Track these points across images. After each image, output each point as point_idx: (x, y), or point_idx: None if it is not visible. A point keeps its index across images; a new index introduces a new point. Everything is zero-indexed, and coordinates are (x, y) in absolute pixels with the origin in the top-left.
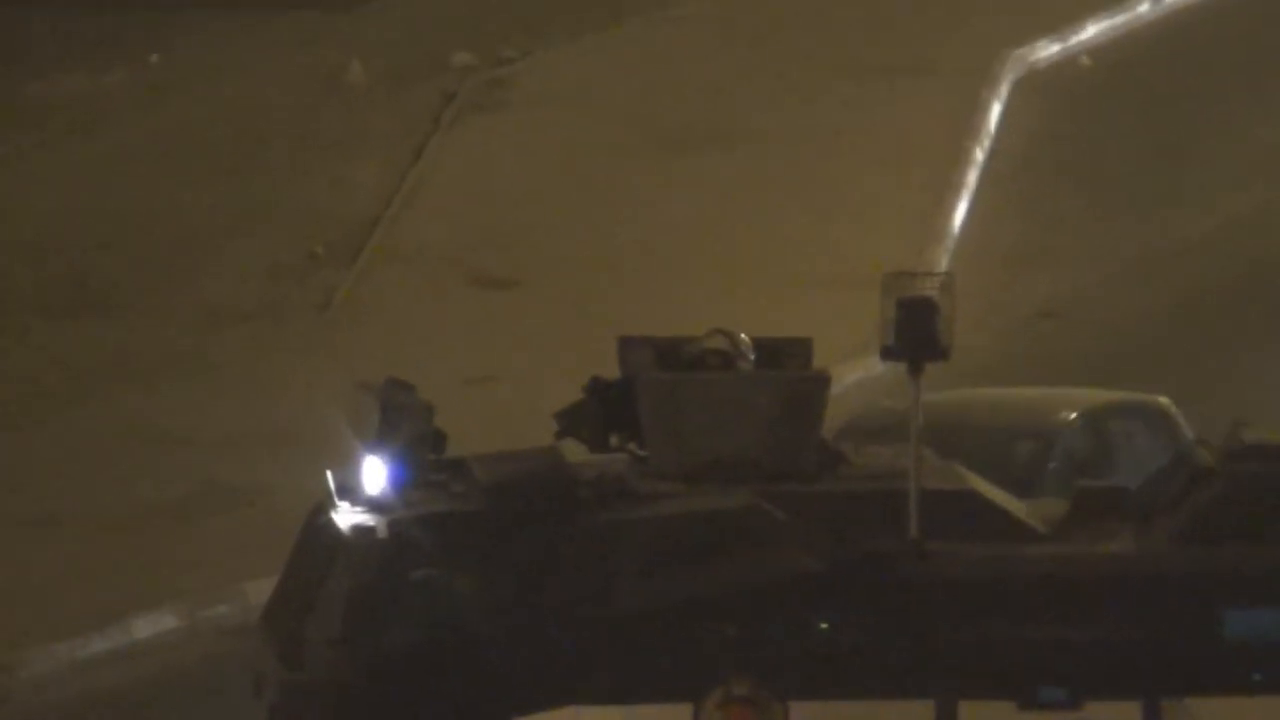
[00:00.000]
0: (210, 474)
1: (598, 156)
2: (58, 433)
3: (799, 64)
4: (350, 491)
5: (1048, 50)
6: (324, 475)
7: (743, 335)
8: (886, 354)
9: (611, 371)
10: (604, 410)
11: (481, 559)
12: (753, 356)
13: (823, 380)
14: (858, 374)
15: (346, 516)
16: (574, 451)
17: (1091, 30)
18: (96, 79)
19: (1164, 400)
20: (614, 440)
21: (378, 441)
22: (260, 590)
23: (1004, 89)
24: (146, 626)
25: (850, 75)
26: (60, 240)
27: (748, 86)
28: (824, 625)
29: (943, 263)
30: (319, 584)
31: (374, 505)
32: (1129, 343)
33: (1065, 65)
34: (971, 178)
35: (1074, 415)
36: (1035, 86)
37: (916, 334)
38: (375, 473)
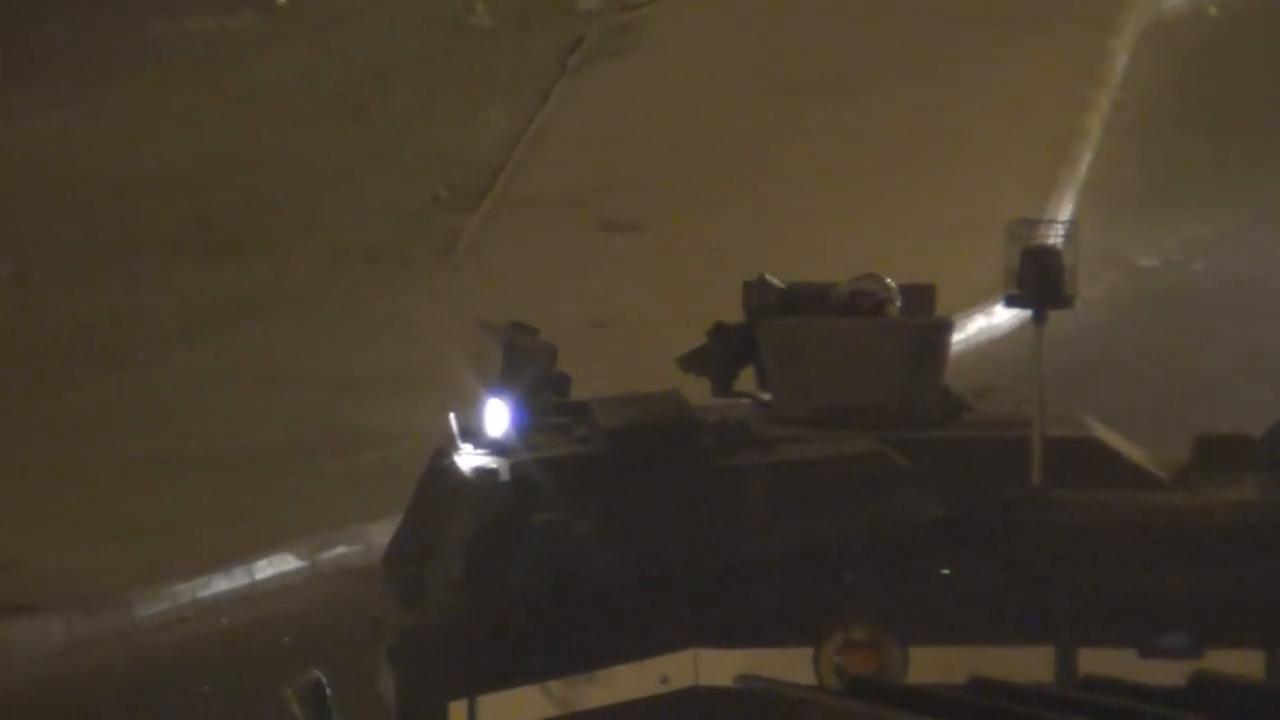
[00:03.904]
0: (333, 415)
1: (723, 102)
2: (181, 373)
3: (926, 12)
4: (473, 434)
5: (1174, 0)
6: (447, 417)
7: (889, 280)
8: (1011, 301)
9: (735, 316)
10: (727, 354)
11: (603, 502)
12: (899, 302)
13: (946, 327)
14: (981, 321)
15: (469, 459)
16: (697, 395)
17: None
18: (222, 20)
19: None
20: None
21: (501, 384)
22: (382, 532)
23: (1130, 38)
24: (268, 567)
25: (976, 24)
26: (185, 181)
27: (875, 34)
28: (945, 571)
29: (1067, 211)
30: (441, 526)
31: (496, 448)
32: (1252, 292)
33: (1192, 15)
34: (1096, 127)
35: None
36: (1161, 36)
37: (1041, 282)
38: (498, 415)
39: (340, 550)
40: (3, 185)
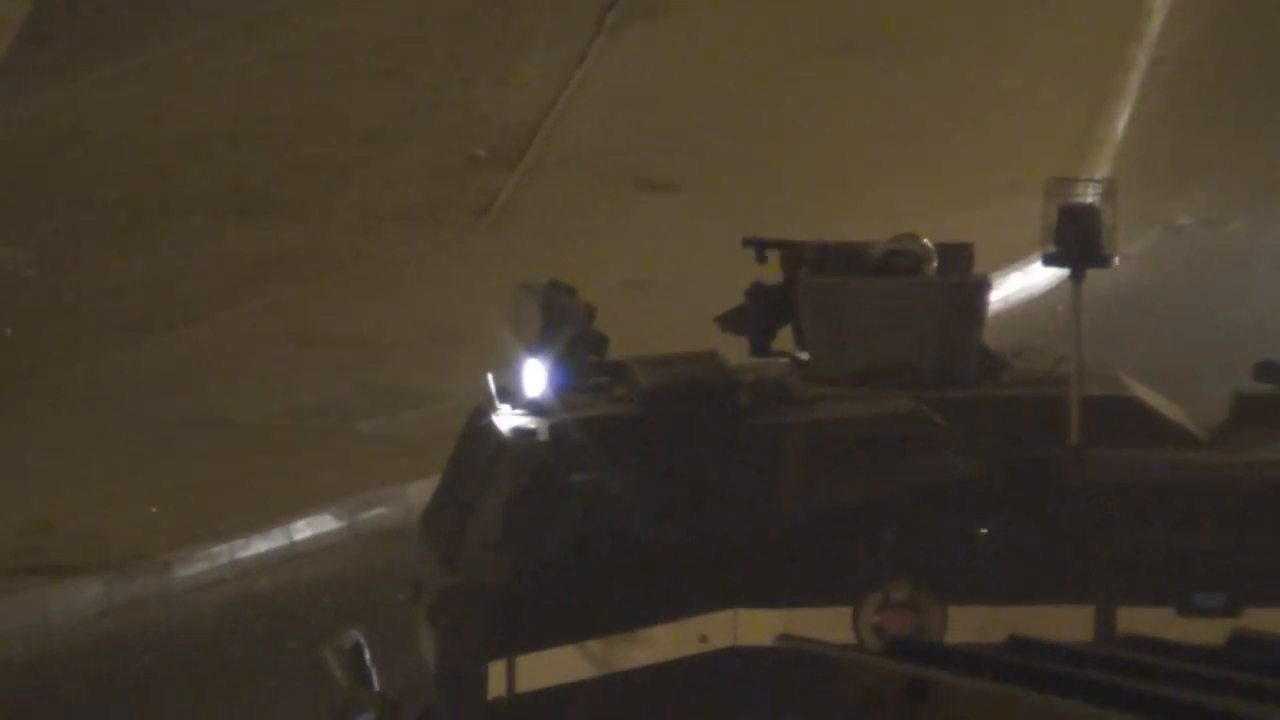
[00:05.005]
0: (370, 376)
1: (761, 60)
2: (218, 334)
3: None
4: (510, 394)
5: None
6: (484, 377)
7: (925, 240)
8: (1049, 260)
9: (773, 275)
10: (765, 314)
11: (641, 463)
12: (935, 262)
13: (984, 285)
14: (1019, 280)
15: (507, 419)
16: (735, 354)
17: None
18: None
19: None
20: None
21: (538, 344)
22: (420, 493)
23: None
24: (306, 528)
25: None
26: (221, 141)
27: None
28: (983, 530)
29: (1105, 170)
30: (479, 487)
31: (534, 408)
32: None
33: None
34: (1135, 85)
35: None
36: None
37: (1079, 241)
38: (536, 375)
39: (378, 511)
40: (41, 147)
